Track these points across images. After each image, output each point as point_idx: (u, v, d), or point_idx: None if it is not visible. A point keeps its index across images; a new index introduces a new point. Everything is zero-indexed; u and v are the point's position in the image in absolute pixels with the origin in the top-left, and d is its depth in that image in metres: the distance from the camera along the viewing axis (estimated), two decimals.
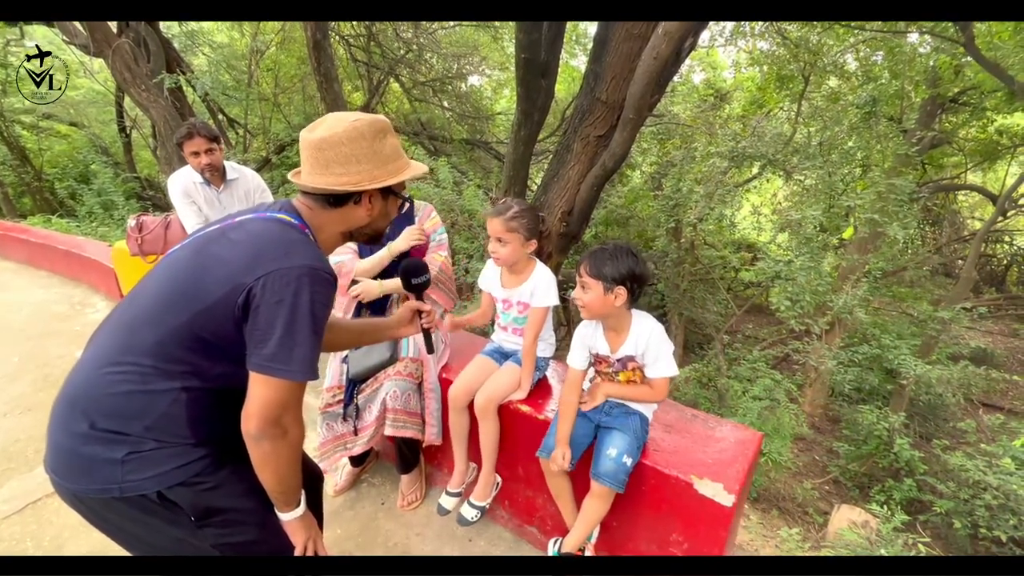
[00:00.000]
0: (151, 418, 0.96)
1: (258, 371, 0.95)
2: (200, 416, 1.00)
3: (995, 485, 3.24)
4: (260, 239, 0.98)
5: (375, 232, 1.19)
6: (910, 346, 5.54)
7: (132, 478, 0.95)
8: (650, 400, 1.58)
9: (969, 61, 5.66)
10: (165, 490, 0.97)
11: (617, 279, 1.43)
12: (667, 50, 2.71)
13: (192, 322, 0.95)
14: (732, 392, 5.11)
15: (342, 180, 1.05)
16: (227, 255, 0.97)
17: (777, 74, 7.64)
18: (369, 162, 1.06)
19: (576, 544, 1.60)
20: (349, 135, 1.04)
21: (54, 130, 10.86)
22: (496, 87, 11.50)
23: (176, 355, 0.96)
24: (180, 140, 2.60)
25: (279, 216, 1.04)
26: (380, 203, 1.13)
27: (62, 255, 5.41)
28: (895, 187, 5.19)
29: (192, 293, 0.96)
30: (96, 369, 0.98)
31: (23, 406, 2.93)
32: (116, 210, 8.33)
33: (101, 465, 0.94)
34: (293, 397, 0.99)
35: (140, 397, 0.95)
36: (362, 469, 2.33)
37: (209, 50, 8.52)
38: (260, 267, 0.93)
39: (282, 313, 0.93)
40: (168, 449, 0.98)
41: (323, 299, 0.98)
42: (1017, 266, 11.16)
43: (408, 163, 1.15)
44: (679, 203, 6.48)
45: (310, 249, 1.00)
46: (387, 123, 1.11)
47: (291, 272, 0.93)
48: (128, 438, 0.95)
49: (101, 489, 0.95)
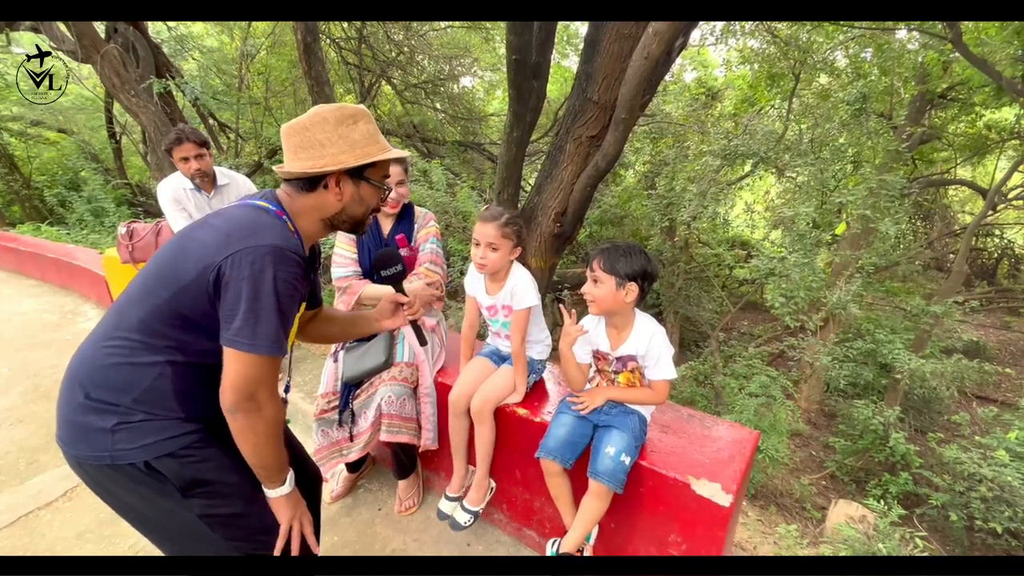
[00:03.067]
0: (138, 390, 1.02)
1: (226, 345, 1.00)
2: (187, 391, 1.06)
3: (990, 477, 3.25)
4: (233, 222, 1.04)
5: (351, 219, 1.19)
6: (904, 340, 5.57)
7: (121, 447, 1.01)
8: (651, 402, 1.58)
9: (957, 57, 5.71)
10: (153, 460, 1.02)
11: (630, 275, 1.47)
12: (657, 50, 2.71)
13: (172, 300, 1.01)
14: (728, 389, 5.12)
15: (307, 164, 1.09)
16: (204, 237, 1.03)
17: (768, 72, 7.68)
18: (334, 146, 1.09)
19: (575, 544, 1.59)
20: (313, 120, 1.09)
21: (43, 137, 10.74)
22: (488, 88, 11.49)
23: (159, 330, 1.03)
24: (169, 146, 2.57)
25: (258, 203, 1.10)
26: (350, 188, 1.14)
27: (52, 263, 5.36)
28: (886, 183, 5.22)
29: (172, 273, 1.02)
30: (92, 345, 1.07)
31: (14, 418, 2.89)
32: (107, 217, 8.25)
33: (94, 433, 1.02)
34: (264, 373, 1.03)
35: (127, 369, 1.02)
36: (359, 475, 2.31)
37: (199, 54, 8.47)
38: (229, 247, 0.99)
39: (247, 289, 0.98)
40: (157, 422, 1.04)
41: (287, 277, 1.01)
42: (1007, 259, 11.27)
43: (383, 149, 1.16)
44: (673, 202, 6.50)
45: (279, 231, 1.04)
46: (359, 110, 1.13)
47: (257, 251, 0.98)
48: (118, 409, 1.02)
49: (95, 456, 1.02)
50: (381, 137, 1.17)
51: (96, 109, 10.17)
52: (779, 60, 7.10)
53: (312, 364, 3.32)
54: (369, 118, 1.15)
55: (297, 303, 1.08)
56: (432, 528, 2.05)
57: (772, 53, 7.15)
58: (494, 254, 1.75)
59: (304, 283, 1.08)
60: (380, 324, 1.46)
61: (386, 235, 2.09)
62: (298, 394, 2.91)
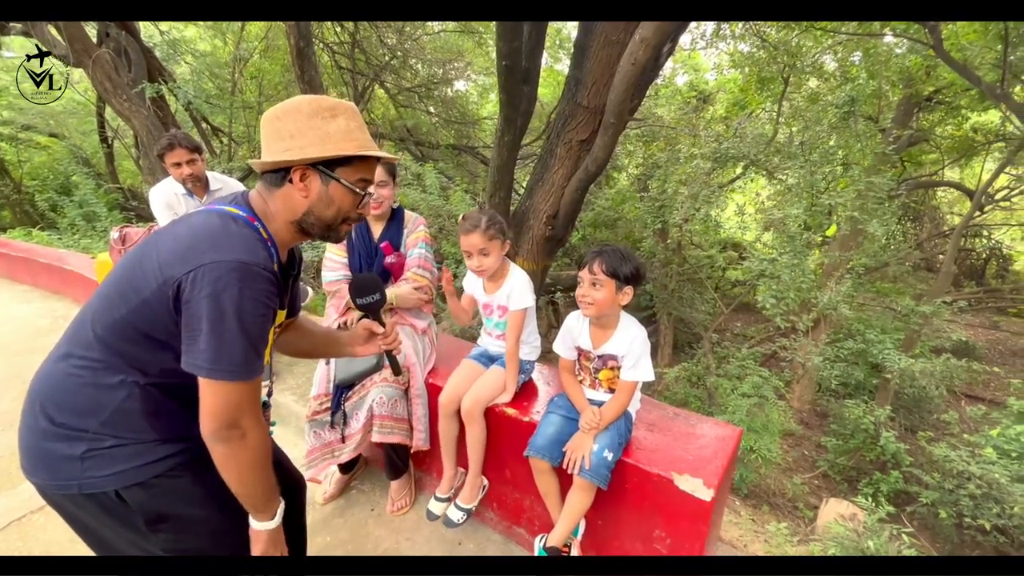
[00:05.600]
0: (105, 413, 0.95)
1: (188, 370, 0.92)
2: (158, 411, 0.99)
3: (978, 474, 3.30)
4: (196, 232, 0.94)
5: (321, 222, 1.07)
6: (894, 340, 5.63)
7: (92, 475, 0.95)
8: (626, 404, 1.61)
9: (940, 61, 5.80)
10: (122, 489, 0.96)
11: (629, 278, 1.52)
12: (644, 56, 2.75)
13: (131, 315, 0.93)
14: (721, 390, 5.16)
15: (274, 156, 1.01)
16: (165, 248, 0.94)
17: (758, 76, 7.77)
18: (303, 137, 1.00)
19: (561, 538, 1.62)
20: (286, 109, 1.01)
21: (33, 141, 10.70)
22: (482, 92, 11.55)
23: (121, 348, 0.95)
24: (161, 152, 2.59)
25: (226, 209, 1.01)
26: (317, 185, 1.03)
27: (43, 268, 5.33)
28: (874, 185, 5.29)
29: (131, 286, 0.94)
30: (53, 364, 0.99)
31: (5, 423, 2.89)
32: (99, 221, 8.22)
33: (62, 461, 0.95)
34: (241, 397, 0.94)
35: (92, 391, 0.95)
36: (351, 476, 2.33)
37: (192, 58, 8.47)
38: (190, 261, 0.90)
39: (209, 310, 0.89)
40: (129, 447, 0.97)
41: (254, 295, 0.92)
42: (995, 260, 11.41)
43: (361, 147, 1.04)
44: (665, 204, 6.55)
45: (246, 242, 0.95)
46: (341, 105, 1.03)
47: (219, 267, 0.89)
48: (86, 435, 0.95)
49: (62, 485, 0.95)
50: (363, 136, 1.06)
51: (87, 113, 10.15)
52: (769, 64, 7.19)
53: (305, 367, 3.33)
54: (352, 115, 1.05)
55: (270, 319, 0.98)
56: (424, 528, 2.07)
57: (762, 57, 7.24)
58: (487, 258, 1.80)
59: (275, 299, 0.98)
60: (353, 350, 1.38)
61: (377, 239, 2.11)
62: (291, 396, 2.92)
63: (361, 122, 1.07)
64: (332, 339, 1.40)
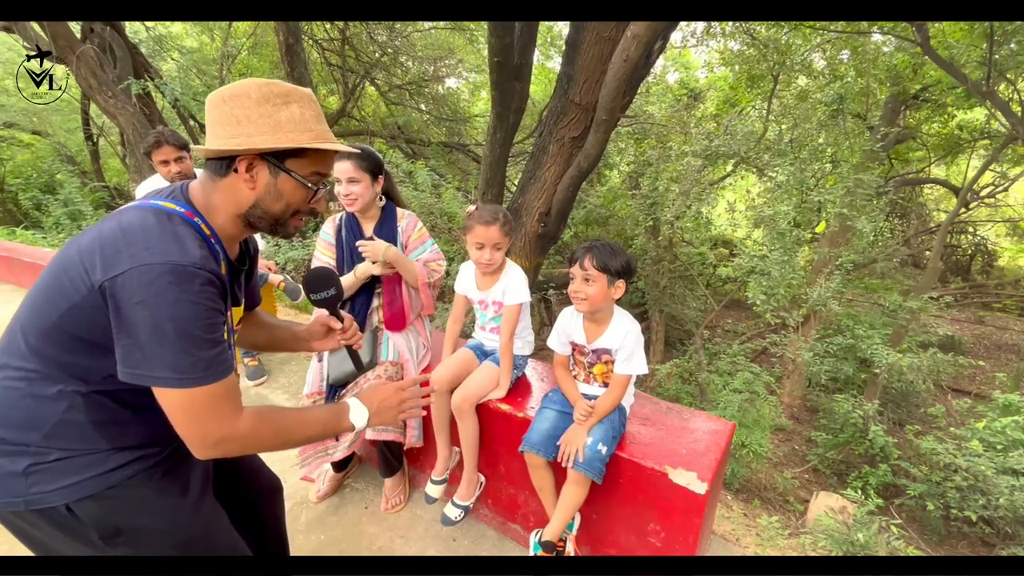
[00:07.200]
0: (47, 426, 0.89)
1: (131, 381, 0.86)
2: (107, 421, 0.93)
3: (964, 467, 3.35)
4: (126, 232, 0.87)
5: (268, 216, 1.00)
6: (882, 336, 5.70)
7: (38, 490, 0.89)
8: (620, 397, 1.62)
9: (928, 60, 5.88)
10: (73, 503, 0.90)
11: (620, 272, 1.52)
12: (636, 53, 2.76)
13: (63, 321, 0.87)
14: (713, 386, 5.20)
15: (219, 143, 0.93)
16: (91, 248, 0.86)
17: (748, 73, 7.83)
18: (252, 125, 0.92)
19: (556, 533, 1.62)
20: (234, 92, 0.92)
21: (16, 139, 10.51)
22: (473, 89, 11.53)
23: (55, 357, 0.89)
24: (148, 149, 2.55)
25: (160, 204, 0.93)
26: (265, 177, 0.96)
27: (27, 267, 5.24)
28: (862, 182, 5.36)
29: (58, 289, 0.87)
30: None
31: None
32: (84, 220, 8.10)
33: (5, 478, 0.89)
34: (209, 399, 0.88)
35: (29, 403, 0.89)
36: (345, 474, 2.31)
37: (178, 55, 8.37)
38: (119, 263, 0.83)
39: (143, 316, 0.83)
40: (78, 459, 0.91)
41: (192, 298, 0.85)
42: (981, 255, 11.60)
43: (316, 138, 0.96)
44: (656, 202, 6.58)
45: (181, 241, 0.88)
46: (295, 91, 0.95)
47: (151, 270, 0.82)
48: (28, 449, 0.89)
49: (8, 503, 0.89)
50: (319, 126, 0.98)
51: (72, 111, 9.98)
52: (759, 62, 7.24)
53: (297, 365, 3.31)
54: (308, 103, 0.97)
55: (218, 319, 0.91)
56: (419, 525, 2.06)
57: (752, 55, 7.29)
58: (499, 253, 1.81)
59: (217, 298, 0.91)
60: (310, 345, 1.33)
61: (368, 236, 2.09)
62: (283, 395, 2.90)
63: (318, 111, 0.99)
64: (288, 334, 1.35)
